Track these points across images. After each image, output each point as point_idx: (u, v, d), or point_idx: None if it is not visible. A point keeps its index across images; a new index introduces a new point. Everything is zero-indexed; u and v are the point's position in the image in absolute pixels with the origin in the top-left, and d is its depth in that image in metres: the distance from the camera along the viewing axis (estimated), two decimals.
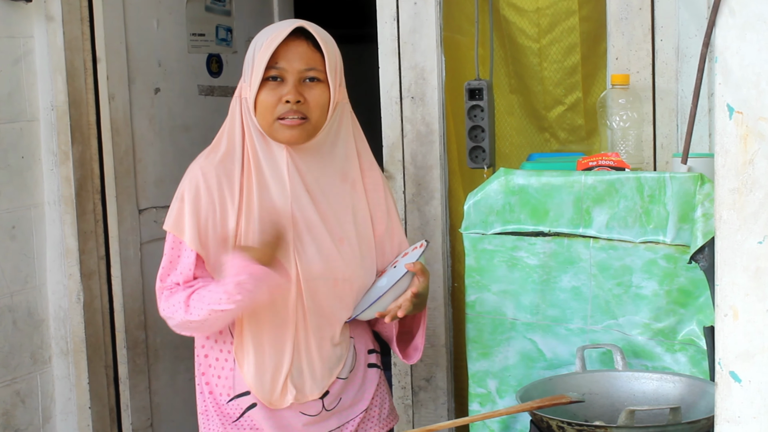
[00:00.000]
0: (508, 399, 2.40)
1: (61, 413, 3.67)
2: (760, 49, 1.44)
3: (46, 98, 3.56)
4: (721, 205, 1.49)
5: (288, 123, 2.17)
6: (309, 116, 2.18)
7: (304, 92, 2.17)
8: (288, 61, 2.17)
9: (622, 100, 2.64)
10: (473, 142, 3.06)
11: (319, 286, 2.23)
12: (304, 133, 2.19)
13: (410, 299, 2.16)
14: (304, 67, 2.17)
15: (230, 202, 2.19)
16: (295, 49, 2.17)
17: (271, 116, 2.17)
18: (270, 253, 2.10)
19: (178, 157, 3.92)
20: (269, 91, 2.17)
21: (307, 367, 2.25)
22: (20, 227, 3.51)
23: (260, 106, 2.18)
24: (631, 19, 2.79)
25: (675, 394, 2.07)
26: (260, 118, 2.19)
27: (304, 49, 2.18)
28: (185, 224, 2.18)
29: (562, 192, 2.28)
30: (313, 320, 2.23)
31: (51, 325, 3.64)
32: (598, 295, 2.28)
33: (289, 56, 2.17)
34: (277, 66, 2.16)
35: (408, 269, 2.17)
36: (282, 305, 2.21)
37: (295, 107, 2.16)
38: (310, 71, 2.18)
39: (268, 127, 2.19)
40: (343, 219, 2.27)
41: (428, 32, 3.10)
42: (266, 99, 2.17)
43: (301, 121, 2.17)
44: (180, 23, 4.04)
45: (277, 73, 2.17)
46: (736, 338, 1.49)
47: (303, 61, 2.17)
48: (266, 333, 2.22)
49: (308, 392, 2.26)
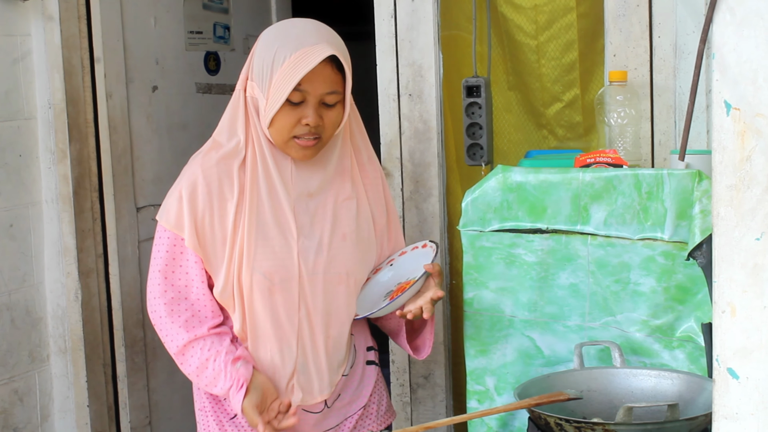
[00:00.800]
0: (506, 396, 2.40)
1: (59, 411, 3.67)
2: (757, 45, 1.44)
3: (43, 96, 3.56)
4: (718, 201, 1.49)
5: (303, 143, 2.16)
6: (323, 136, 2.18)
7: (323, 114, 2.16)
8: (312, 83, 2.12)
9: (619, 96, 2.64)
10: (471, 139, 3.06)
11: (323, 282, 2.23)
12: (316, 151, 2.20)
13: (430, 301, 2.18)
14: (327, 90, 2.14)
15: (230, 200, 2.19)
16: (320, 73, 2.12)
17: (288, 134, 2.16)
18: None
19: (176, 155, 3.92)
20: (289, 111, 2.13)
21: (314, 366, 2.25)
22: (18, 225, 3.50)
23: (277, 123, 2.15)
24: (628, 15, 2.79)
25: (673, 391, 2.07)
26: (275, 133, 2.17)
27: (329, 73, 2.13)
28: (185, 222, 2.17)
29: (560, 189, 2.28)
30: (318, 318, 2.23)
31: (49, 324, 3.64)
32: (596, 292, 2.28)
33: (314, 79, 2.11)
34: (300, 89, 2.12)
35: (426, 270, 2.19)
36: (286, 304, 2.20)
37: (313, 130, 2.15)
38: (331, 95, 2.15)
39: (282, 144, 2.18)
40: (345, 215, 2.27)
41: (426, 29, 3.10)
42: (285, 119, 2.14)
43: (315, 140, 2.17)
44: (177, 21, 4.04)
45: (300, 96, 2.13)
46: (734, 335, 1.49)
47: (327, 84, 2.14)
48: (269, 331, 2.21)
49: (316, 393, 2.26)
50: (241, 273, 2.17)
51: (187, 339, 2.19)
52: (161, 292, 2.20)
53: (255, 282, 2.17)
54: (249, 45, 4.39)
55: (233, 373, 2.15)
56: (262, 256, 2.17)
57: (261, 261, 2.17)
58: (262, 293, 2.18)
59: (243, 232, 2.17)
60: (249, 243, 2.17)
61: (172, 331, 2.20)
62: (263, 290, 2.18)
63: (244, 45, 4.40)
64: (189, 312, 2.19)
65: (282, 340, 2.22)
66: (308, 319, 2.23)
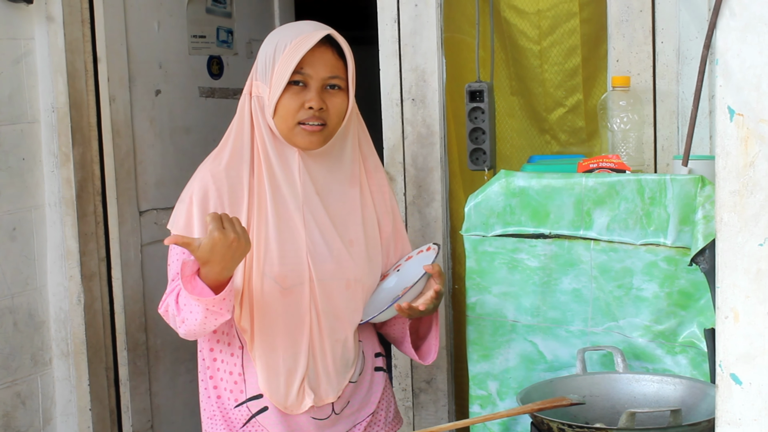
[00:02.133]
0: (508, 401, 2.40)
1: (61, 415, 3.67)
2: (761, 50, 1.44)
3: (46, 100, 3.56)
4: (721, 207, 1.49)
5: (309, 129, 2.17)
6: (328, 123, 2.19)
7: (326, 99, 2.18)
8: (313, 67, 2.16)
9: (622, 102, 2.64)
10: (474, 144, 3.06)
11: (332, 287, 2.23)
12: (322, 139, 2.20)
13: (431, 299, 2.18)
14: (329, 74, 2.18)
15: (240, 206, 2.19)
16: (321, 56, 2.17)
17: (293, 120, 2.17)
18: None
19: (179, 159, 3.92)
20: (292, 96, 2.17)
21: (323, 370, 2.25)
22: (21, 229, 3.51)
23: (282, 109, 2.17)
24: (631, 21, 2.79)
25: (676, 397, 2.07)
26: (280, 121, 2.18)
27: (330, 57, 2.18)
28: (194, 229, 2.17)
29: (563, 194, 2.28)
30: (327, 322, 2.23)
31: (51, 327, 3.64)
32: (598, 297, 2.28)
33: (315, 62, 2.16)
34: (302, 72, 2.16)
35: (426, 270, 2.18)
36: (296, 307, 2.21)
37: (317, 114, 2.16)
38: (333, 79, 2.18)
39: (288, 131, 2.19)
40: (352, 221, 2.28)
41: (429, 34, 3.10)
42: (289, 103, 2.17)
43: (321, 127, 2.18)
44: (181, 25, 4.04)
45: (302, 78, 2.16)
46: (737, 340, 1.48)
47: (328, 68, 2.17)
48: (280, 335, 2.21)
49: (324, 395, 2.26)
50: (251, 278, 2.17)
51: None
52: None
53: (265, 286, 2.17)
54: (252, 49, 4.39)
55: (186, 285, 2.05)
56: (272, 261, 2.18)
57: (271, 266, 2.17)
58: (273, 297, 2.18)
59: (252, 237, 2.17)
60: (258, 248, 2.17)
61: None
62: (274, 294, 2.18)
63: (247, 49, 4.40)
64: None
65: (293, 344, 2.22)
66: (318, 323, 2.23)
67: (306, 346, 2.23)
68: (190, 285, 2.04)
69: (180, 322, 2.13)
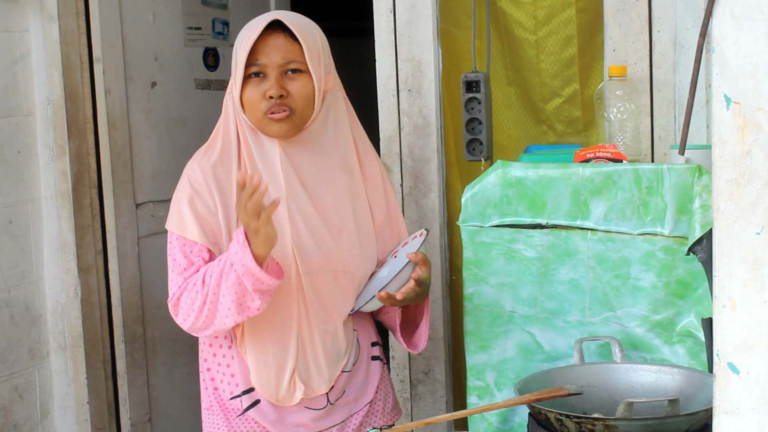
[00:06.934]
0: (506, 392, 2.40)
1: (59, 408, 3.67)
2: (756, 39, 1.43)
3: (42, 93, 3.55)
4: (718, 196, 1.49)
5: (275, 117, 2.17)
6: (294, 108, 2.18)
7: (287, 85, 2.17)
8: (266, 55, 2.16)
9: (619, 91, 2.64)
10: (470, 134, 3.05)
11: (319, 279, 2.22)
12: (292, 126, 2.19)
13: (413, 288, 2.16)
14: (283, 60, 2.17)
15: (230, 199, 2.19)
16: (272, 43, 2.17)
17: (259, 112, 2.17)
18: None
19: (175, 152, 3.92)
20: (253, 88, 2.17)
21: (313, 362, 2.25)
22: (17, 222, 3.50)
23: (246, 103, 2.18)
24: (628, 10, 2.78)
25: (673, 386, 2.07)
26: (250, 115, 2.19)
27: (282, 42, 2.17)
28: (190, 223, 2.17)
29: (560, 184, 2.27)
30: (315, 314, 2.23)
31: (48, 320, 3.63)
32: (596, 288, 2.28)
33: (267, 51, 2.16)
34: (257, 63, 2.16)
35: (410, 259, 2.16)
36: (283, 301, 2.20)
37: (278, 101, 2.16)
38: (290, 64, 2.17)
39: (258, 123, 2.19)
40: (341, 210, 2.27)
41: (425, 24, 3.10)
42: (251, 96, 2.18)
43: (287, 114, 2.17)
44: (176, 17, 4.03)
45: (258, 69, 2.17)
46: (735, 330, 1.48)
47: (281, 54, 2.17)
48: (268, 330, 2.21)
49: (315, 387, 2.26)
50: None
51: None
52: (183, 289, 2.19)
53: None
54: None
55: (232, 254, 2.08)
56: None
57: None
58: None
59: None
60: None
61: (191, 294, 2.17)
62: None
63: None
64: None
65: (281, 337, 2.22)
66: (306, 316, 2.22)
67: (294, 339, 2.22)
68: (255, 276, 2.04)
69: (207, 311, 2.12)
